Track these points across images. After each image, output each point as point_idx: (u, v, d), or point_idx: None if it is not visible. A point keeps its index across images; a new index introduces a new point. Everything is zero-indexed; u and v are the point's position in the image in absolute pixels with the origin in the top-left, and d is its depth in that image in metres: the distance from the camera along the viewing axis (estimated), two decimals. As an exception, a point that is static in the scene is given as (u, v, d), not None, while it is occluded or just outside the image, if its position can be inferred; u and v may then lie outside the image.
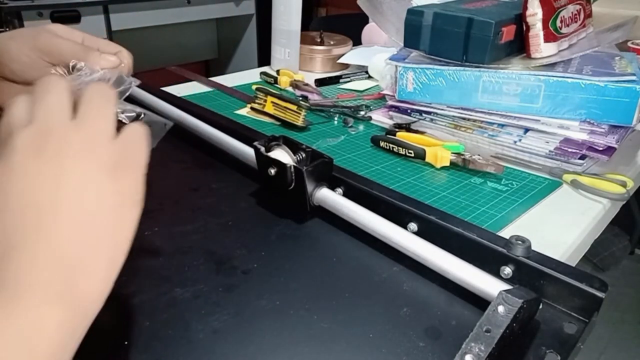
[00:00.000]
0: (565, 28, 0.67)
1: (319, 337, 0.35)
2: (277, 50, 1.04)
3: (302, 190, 0.49)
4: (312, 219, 0.49)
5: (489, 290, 0.36)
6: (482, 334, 0.31)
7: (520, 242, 0.39)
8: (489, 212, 0.53)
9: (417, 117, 0.73)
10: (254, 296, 0.39)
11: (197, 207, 0.51)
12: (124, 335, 0.35)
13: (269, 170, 0.50)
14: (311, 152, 0.50)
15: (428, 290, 0.40)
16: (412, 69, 0.69)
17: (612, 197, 0.57)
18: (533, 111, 0.63)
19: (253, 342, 0.34)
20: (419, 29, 0.68)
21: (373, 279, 0.41)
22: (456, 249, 0.40)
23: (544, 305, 0.38)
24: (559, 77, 0.61)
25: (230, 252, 0.44)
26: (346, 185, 0.51)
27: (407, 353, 0.34)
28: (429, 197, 0.56)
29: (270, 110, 0.77)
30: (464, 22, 0.63)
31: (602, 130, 0.61)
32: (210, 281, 0.40)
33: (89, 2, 1.95)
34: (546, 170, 0.63)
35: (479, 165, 0.60)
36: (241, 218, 0.51)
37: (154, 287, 0.40)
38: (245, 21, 2.64)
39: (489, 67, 0.64)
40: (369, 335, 0.35)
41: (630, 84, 0.58)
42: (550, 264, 0.38)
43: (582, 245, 0.52)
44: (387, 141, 0.68)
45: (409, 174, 0.62)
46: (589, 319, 0.36)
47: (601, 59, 0.66)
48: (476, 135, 0.68)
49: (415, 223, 0.45)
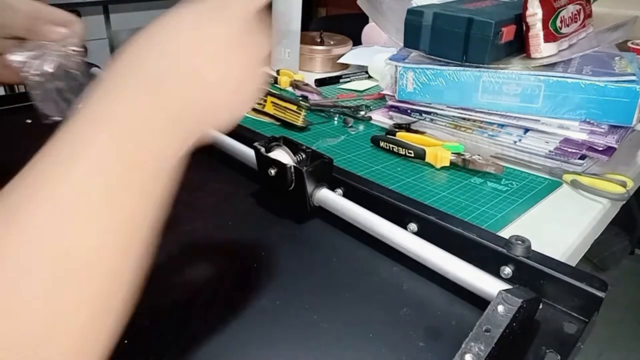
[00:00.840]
0: (565, 28, 0.67)
1: (318, 337, 0.35)
2: (277, 50, 1.04)
3: (302, 190, 0.49)
4: (312, 220, 0.49)
5: (489, 290, 0.36)
6: (482, 334, 0.31)
7: (520, 242, 0.39)
8: (489, 212, 0.53)
9: (417, 117, 0.73)
10: (254, 296, 0.39)
11: (197, 207, 0.51)
12: (123, 335, 0.35)
13: (269, 170, 0.50)
14: (311, 152, 0.51)
15: (428, 290, 0.40)
16: (412, 69, 0.69)
17: (612, 197, 0.57)
18: (533, 111, 0.63)
19: (253, 342, 0.35)
20: (419, 29, 0.68)
21: (373, 279, 0.41)
22: (456, 249, 0.40)
23: (544, 305, 0.38)
24: (559, 77, 0.61)
25: (230, 252, 0.44)
26: (346, 186, 0.51)
27: (407, 353, 0.34)
28: (429, 197, 0.56)
29: (270, 110, 0.77)
30: (464, 22, 0.63)
31: (602, 130, 0.61)
32: (210, 281, 0.40)
33: (89, 2, 1.95)
34: (546, 170, 0.63)
35: (479, 165, 0.60)
36: (241, 218, 0.51)
37: (154, 286, 0.40)
38: (245, 21, 2.64)
39: (489, 67, 0.64)
40: (369, 335, 0.35)
41: (630, 84, 0.58)
42: (550, 263, 0.38)
43: (582, 245, 0.52)
44: (387, 141, 0.68)
45: (409, 174, 0.62)
46: (589, 318, 0.36)
47: (601, 59, 0.66)
48: (476, 135, 0.68)
49: (415, 223, 0.45)
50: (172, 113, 0.25)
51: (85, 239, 0.21)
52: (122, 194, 0.22)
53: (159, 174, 0.25)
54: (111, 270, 0.22)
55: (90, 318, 0.21)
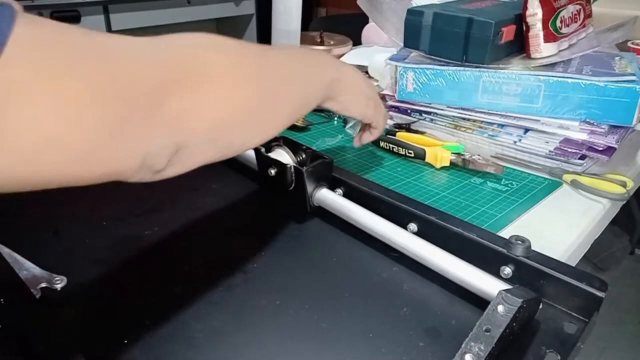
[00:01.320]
0: (565, 28, 0.67)
1: (318, 336, 0.35)
2: (277, 50, 1.04)
3: (302, 190, 0.49)
4: (312, 220, 0.49)
5: (489, 290, 0.36)
6: (482, 334, 0.31)
7: (520, 242, 0.39)
8: (489, 212, 0.53)
9: (417, 117, 0.73)
10: (254, 296, 0.39)
11: (197, 207, 0.51)
12: (124, 334, 0.35)
13: (269, 170, 0.50)
14: (311, 152, 0.51)
15: (428, 290, 0.40)
16: (412, 69, 0.69)
17: (612, 197, 0.57)
18: (533, 111, 0.63)
19: (253, 341, 0.35)
20: (419, 29, 0.68)
21: (373, 279, 0.41)
22: (456, 249, 0.40)
23: (544, 305, 0.38)
24: (558, 77, 0.61)
25: (230, 252, 0.44)
26: (346, 186, 0.51)
27: (407, 353, 0.34)
28: (429, 197, 0.56)
29: (270, 111, 0.77)
30: (464, 22, 0.63)
31: (602, 130, 0.61)
32: (210, 281, 0.40)
33: (89, 2, 1.95)
34: (546, 170, 0.63)
35: (479, 165, 0.60)
36: (241, 218, 0.51)
37: (154, 286, 0.40)
38: (245, 21, 2.64)
39: (489, 67, 0.64)
40: (369, 335, 0.35)
41: (630, 84, 0.58)
42: (550, 263, 0.38)
43: (582, 245, 0.52)
44: (387, 141, 0.68)
45: (409, 174, 0.62)
46: (589, 318, 0.36)
47: (601, 59, 0.66)
48: (476, 135, 0.68)
49: (415, 223, 0.45)
50: (332, 77, 0.43)
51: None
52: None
53: (312, 92, 0.42)
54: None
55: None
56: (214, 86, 0.29)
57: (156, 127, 0.26)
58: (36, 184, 0.23)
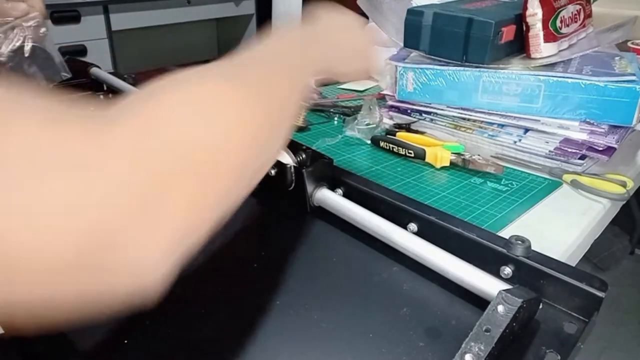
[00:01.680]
0: (565, 28, 0.67)
1: (318, 336, 0.35)
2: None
3: (302, 190, 0.49)
4: (312, 220, 0.49)
5: (489, 290, 0.36)
6: (482, 334, 0.31)
7: (520, 242, 0.39)
8: (489, 212, 0.53)
9: (417, 117, 0.73)
10: (254, 296, 0.39)
11: (197, 207, 0.51)
12: (124, 334, 0.35)
13: (269, 170, 0.50)
14: (311, 152, 0.51)
15: (428, 290, 0.40)
16: (412, 69, 0.69)
17: (612, 197, 0.57)
18: (533, 111, 0.63)
19: (253, 341, 0.35)
20: (419, 29, 0.68)
21: (373, 279, 0.41)
22: (456, 249, 0.40)
23: (544, 305, 0.38)
24: (558, 77, 0.61)
25: (230, 252, 0.44)
26: (346, 186, 0.51)
27: (407, 353, 0.34)
28: (429, 197, 0.56)
29: (270, 110, 0.77)
30: (464, 22, 0.63)
31: (602, 130, 0.61)
32: (209, 281, 0.40)
33: (89, 2, 1.95)
34: (546, 170, 0.63)
35: (479, 165, 0.60)
36: (241, 218, 0.51)
37: (154, 287, 0.40)
38: (245, 21, 2.64)
39: (489, 67, 0.64)
40: (369, 335, 0.35)
41: (630, 84, 0.58)
42: (550, 264, 0.38)
43: (582, 245, 0.52)
44: (387, 141, 0.68)
45: (409, 174, 0.62)
46: (589, 318, 0.36)
47: (601, 59, 0.66)
48: (476, 135, 0.68)
49: (415, 223, 0.45)
50: (314, 55, 0.41)
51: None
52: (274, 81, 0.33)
53: (296, 82, 0.37)
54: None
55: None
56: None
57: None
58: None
